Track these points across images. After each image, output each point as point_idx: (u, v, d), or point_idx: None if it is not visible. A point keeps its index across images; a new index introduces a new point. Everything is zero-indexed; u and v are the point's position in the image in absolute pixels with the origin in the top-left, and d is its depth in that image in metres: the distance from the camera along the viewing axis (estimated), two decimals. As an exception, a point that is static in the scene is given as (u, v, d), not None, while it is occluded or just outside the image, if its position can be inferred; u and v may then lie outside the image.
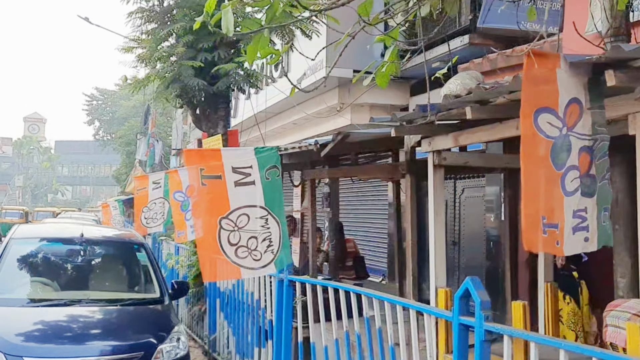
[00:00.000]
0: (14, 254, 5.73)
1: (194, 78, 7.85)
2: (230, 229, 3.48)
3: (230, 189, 3.52)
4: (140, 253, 6.33)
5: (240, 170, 3.54)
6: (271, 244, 3.45)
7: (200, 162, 3.55)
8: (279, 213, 3.49)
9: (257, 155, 3.54)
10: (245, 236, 3.45)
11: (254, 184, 3.51)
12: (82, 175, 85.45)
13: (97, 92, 61.80)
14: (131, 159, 41.11)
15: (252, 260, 3.46)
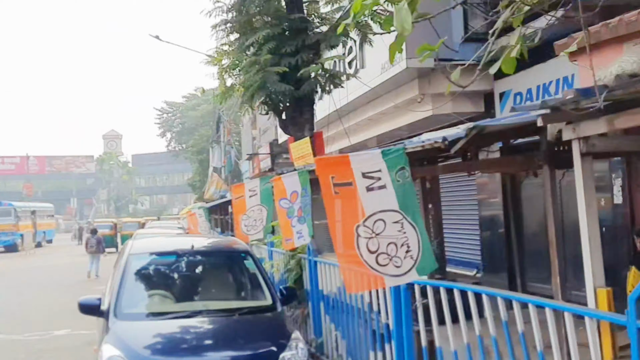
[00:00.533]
0: (134, 269, 5.95)
1: (280, 83, 7.89)
2: (368, 235, 3.37)
3: (363, 194, 3.38)
4: (248, 261, 6.42)
5: (370, 174, 3.40)
6: (409, 249, 3.32)
7: (330, 170, 3.45)
8: (413, 216, 3.35)
9: (384, 157, 3.37)
10: (384, 242, 3.33)
11: (386, 188, 3.37)
12: (158, 185, 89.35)
13: (166, 105, 64.35)
14: (203, 166, 42.47)
15: (394, 267, 3.33)
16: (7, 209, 34.02)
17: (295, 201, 5.85)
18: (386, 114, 11.50)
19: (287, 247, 6.37)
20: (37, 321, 10.67)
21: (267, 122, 22.49)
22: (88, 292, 14.29)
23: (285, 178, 5.85)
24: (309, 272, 7.54)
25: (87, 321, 10.47)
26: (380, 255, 3.41)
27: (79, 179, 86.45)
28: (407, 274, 3.36)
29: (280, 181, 5.85)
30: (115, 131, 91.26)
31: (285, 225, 5.98)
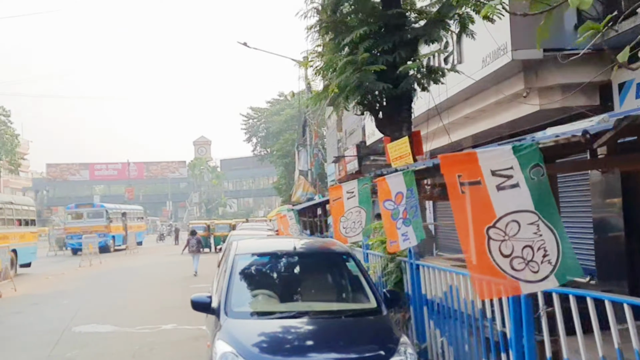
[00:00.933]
0: (240, 269, 6.03)
1: (378, 82, 7.74)
2: (501, 238, 3.11)
3: (493, 194, 3.11)
4: (350, 263, 6.31)
5: (500, 172, 3.13)
6: (547, 253, 3.03)
7: (457, 168, 3.23)
8: (551, 218, 3.05)
9: (516, 154, 3.08)
10: (519, 245, 3.05)
11: (519, 187, 3.08)
12: (244, 188, 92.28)
13: (252, 111, 66.16)
14: (289, 170, 43.22)
15: (530, 272, 3.05)
16: (100, 211, 34.53)
17: (400, 202, 5.65)
18: (485, 111, 11.00)
19: (392, 250, 6.19)
20: (146, 315, 11.22)
21: (354, 124, 22.41)
22: (188, 289, 14.89)
23: (389, 178, 5.68)
24: (410, 276, 7.32)
25: (190, 317, 10.89)
26: (514, 260, 3.13)
27: (173, 183, 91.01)
28: (545, 280, 3.07)
29: (385, 182, 5.68)
30: (204, 137, 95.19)
31: (390, 228, 5.80)
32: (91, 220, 33.00)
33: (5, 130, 48.07)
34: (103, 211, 34.34)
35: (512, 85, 9.60)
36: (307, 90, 27.26)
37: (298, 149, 30.41)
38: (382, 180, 5.71)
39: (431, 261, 7.21)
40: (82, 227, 32.45)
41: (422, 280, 7.06)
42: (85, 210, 34.77)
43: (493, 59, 9.21)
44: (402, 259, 7.64)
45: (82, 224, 33.06)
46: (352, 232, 7.49)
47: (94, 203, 39.08)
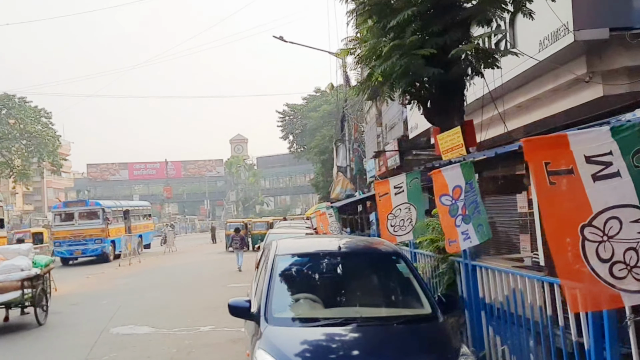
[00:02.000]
0: (281, 270, 5.57)
1: (427, 67, 7.14)
2: (598, 239, 2.55)
3: (588, 185, 2.61)
4: (400, 264, 5.77)
5: (597, 159, 2.63)
6: (653, 258, 2.45)
7: (544, 154, 2.65)
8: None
9: (615, 137, 2.58)
10: (620, 248, 2.48)
11: (619, 176, 2.58)
12: (281, 186, 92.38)
13: (288, 108, 65.91)
14: (326, 167, 42.72)
15: (634, 280, 2.48)
16: (94, 210, 26.69)
17: (459, 197, 5.07)
18: (539, 99, 10.23)
19: (452, 250, 5.60)
20: (184, 316, 10.95)
21: (394, 117, 21.75)
22: (226, 289, 14.65)
23: (446, 171, 5.10)
24: (465, 278, 6.71)
25: (228, 318, 10.52)
26: (615, 265, 2.56)
27: (210, 181, 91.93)
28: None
29: (441, 175, 5.11)
30: (241, 135, 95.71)
31: (448, 226, 5.22)
32: (84, 223, 26.25)
33: (47, 132, 49.18)
34: (99, 210, 26.66)
35: (573, 70, 8.83)
36: (345, 83, 26.69)
37: (336, 145, 29.83)
38: (437, 173, 5.14)
39: (487, 261, 6.60)
40: (73, 232, 25.94)
41: (479, 283, 6.46)
42: (77, 209, 26.94)
43: (552, 40, 8.48)
44: (456, 259, 7.04)
45: (73, 227, 26.12)
46: (402, 230, 6.94)
47: (86, 200, 30.81)
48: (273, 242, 6.36)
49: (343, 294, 5.61)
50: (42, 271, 10.73)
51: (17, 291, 9.85)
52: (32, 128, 47.96)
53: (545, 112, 10.27)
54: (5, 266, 10.00)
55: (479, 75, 7.58)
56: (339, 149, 29.12)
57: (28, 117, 48.05)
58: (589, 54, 8.49)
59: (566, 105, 9.40)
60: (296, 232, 16.04)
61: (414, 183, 6.96)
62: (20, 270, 10.04)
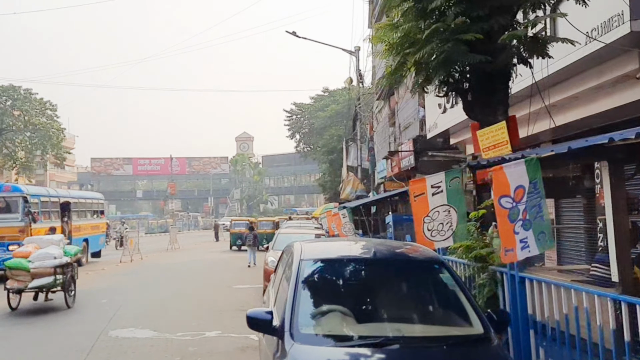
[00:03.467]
0: (307, 278, 4.83)
1: (472, 55, 6.38)
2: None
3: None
4: (443, 274, 5.02)
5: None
6: None
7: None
8: None
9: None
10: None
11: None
12: (285, 185, 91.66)
13: (295, 107, 65.22)
14: (334, 166, 41.97)
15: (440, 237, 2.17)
16: (12, 199, 17.39)
17: (521, 200, 4.33)
18: (578, 97, 9.44)
19: (507, 260, 4.82)
20: (188, 319, 10.21)
21: (410, 117, 20.98)
22: (231, 290, 13.92)
23: (508, 168, 4.35)
24: (510, 291, 5.96)
25: (235, 323, 9.89)
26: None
27: (215, 179, 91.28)
28: None
29: (502, 172, 4.35)
30: (247, 133, 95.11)
31: (506, 232, 4.47)
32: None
33: (51, 124, 48.52)
34: (17, 200, 17.34)
35: (620, 65, 8.05)
36: (358, 82, 25.94)
37: (347, 144, 29.04)
38: (499, 170, 4.38)
39: (537, 273, 5.84)
40: None
41: (528, 297, 5.70)
42: None
43: (603, 32, 7.69)
44: (498, 269, 6.28)
45: None
46: (440, 235, 6.18)
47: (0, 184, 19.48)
48: (296, 244, 5.61)
49: (379, 307, 4.85)
50: (71, 259, 11.83)
51: (50, 277, 10.99)
52: (36, 120, 47.32)
53: (585, 111, 9.47)
54: (40, 254, 11.17)
55: (526, 64, 6.82)
56: (350, 148, 28.34)
57: (33, 109, 47.42)
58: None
59: (610, 104, 8.62)
60: (307, 233, 15.34)
61: (454, 183, 6.21)
62: (53, 258, 11.17)
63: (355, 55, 26.25)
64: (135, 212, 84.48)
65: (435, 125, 16.32)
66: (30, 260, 10.96)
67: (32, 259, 10.98)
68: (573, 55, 8.09)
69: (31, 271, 10.83)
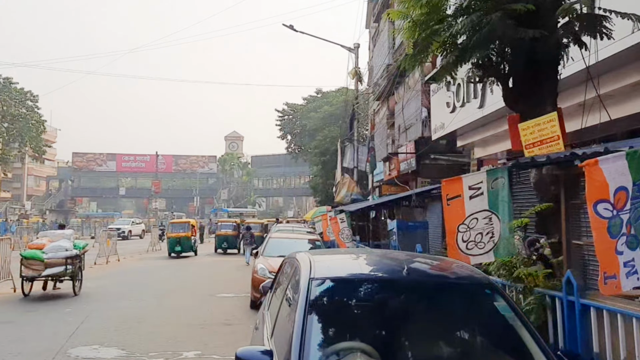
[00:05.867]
0: (319, 305, 3.60)
1: (522, 29, 5.19)
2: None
3: None
4: (498, 302, 3.80)
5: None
6: None
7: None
8: None
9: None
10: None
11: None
12: (274, 187, 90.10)
13: (287, 107, 63.97)
14: (326, 168, 40.66)
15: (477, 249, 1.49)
16: None
17: (623, 207, 3.13)
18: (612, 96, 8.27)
19: (607, 291, 3.57)
20: (163, 336, 8.82)
21: (411, 117, 19.83)
22: (214, 300, 12.54)
23: (605, 163, 3.15)
24: (565, 320, 4.77)
25: (217, 340, 8.62)
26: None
27: (202, 178, 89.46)
28: None
29: (598, 169, 3.15)
30: (237, 132, 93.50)
31: (605, 252, 3.26)
32: None
33: (31, 116, 46.58)
34: None
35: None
36: (357, 80, 24.75)
37: (343, 145, 27.77)
38: (594, 165, 3.17)
39: (605, 300, 4.64)
40: None
41: (593, 331, 4.51)
42: None
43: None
44: (549, 293, 5.09)
45: None
46: (478, 248, 4.97)
47: None
48: (301, 256, 4.36)
49: (413, 345, 3.62)
50: (80, 252, 13.42)
51: (62, 266, 12.47)
52: (15, 111, 45.33)
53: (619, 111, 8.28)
54: (54, 246, 12.69)
55: (581, 45, 5.65)
56: (345, 149, 27.10)
57: (13, 99, 45.44)
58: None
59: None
60: (301, 238, 14.06)
61: (498, 184, 5.00)
62: (65, 250, 12.68)
63: (354, 53, 25.07)
64: (117, 210, 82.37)
65: (442, 125, 15.20)
66: (44, 251, 12.41)
67: (46, 250, 12.43)
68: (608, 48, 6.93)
69: (45, 261, 12.24)
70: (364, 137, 25.70)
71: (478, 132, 13.88)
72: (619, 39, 6.28)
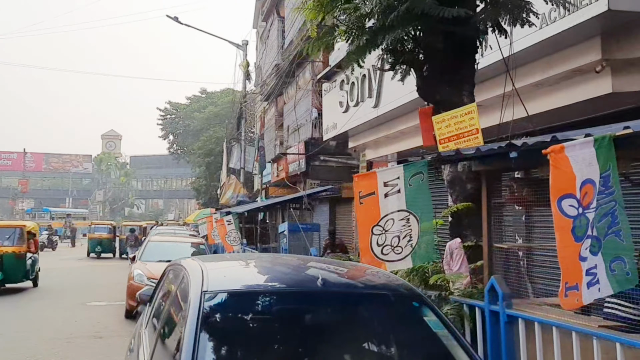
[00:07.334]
0: (213, 321, 2.79)
1: (444, 7, 4.69)
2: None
3: None
4: (428, 317, 3.20)
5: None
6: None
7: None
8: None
9: None
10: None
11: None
12: (154, 189, 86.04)
13: (170, 106, 61.25)
14: (211, 170, 39.17)
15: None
16: None
17: (589, 204, 2.63)
18: (525, 92, 8.06)
19: (569, 305, 2.99)
20: (23, 351, 7.35)
21: (301, 118, 19.32)
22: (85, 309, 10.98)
23: (572, 150, 2.62)
24: (489, 334, 4.30)
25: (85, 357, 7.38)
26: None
27: (76, 178, 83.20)
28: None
29: (564, 157, 2.61)
30: (114, 131, 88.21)
31: (568, 257, 2.72)
32: None
33: None
34: None
35: (579, 56, 6.93)
36: (244, 79, 23.82)
37: (230, 144, 26.57)
38: (559, 152, 2.63)
39: (532, 309, 4.18)
40: None
41: (521, 346, 4.06)
42: None
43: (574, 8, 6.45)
44: (466, 302, 4.61)
45: None
46: (395, 253, 4.36)
47: None
48: (190, 263, 3.46)
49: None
50: None
51: None
52: None
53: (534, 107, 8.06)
54: None
55: (501, 32, 5.30)
56: (232, 149, 25.97)
57: None
58: (605, 36, 6.61)
59: (561, 101, 7.48)
60: (183, 241, 12.87)
61: (417, 180, 4.43)
62: None
63: (242, 50, 24.14)
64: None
65: (334, 125, 14.78)
66: None
67: None
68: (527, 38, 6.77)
69: None
70: (252, 138, 24.84)
71: (371, 133, 13.63)
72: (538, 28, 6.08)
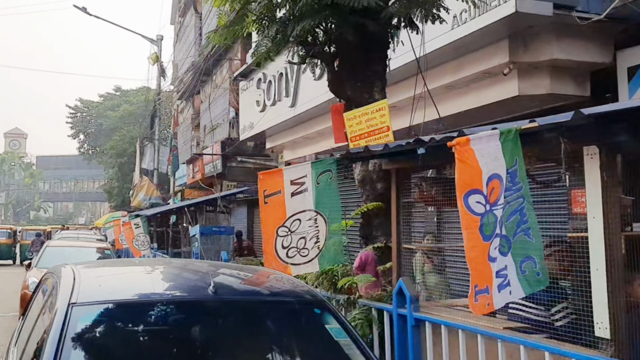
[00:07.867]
0: (79, 341, 2.41)
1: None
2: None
3: None
4: (330, 324, 2.97)
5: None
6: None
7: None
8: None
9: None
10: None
11: (308, 191, 3.59)
12: (64, 191, 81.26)
13: (80, 104, 57.98)
14: (123, 171, 37.44)
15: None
16: None
17: (497, 200, 2.48)
18: (437, 94, 8.08)
19: (479, 309, 2.76)
20: None
21: (218, 117, 18.77)
22: None
23: (477, 143, 2.46)
24: (397, 338, 4.13)
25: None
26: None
27: (-27, 179, 76.95)
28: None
29: (470, 150, 2.45)
30: (19, 129, 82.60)
31: (477, 257, 2.55)
32: None
33: None
34: None
35: (488, 57, 7.05)
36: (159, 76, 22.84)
37: (143, 144, 25.34)
38: (465, 144, 2.45)
39: (441, 312, 4.04)
40: None
41: (428, 351, 3.92)
42: None
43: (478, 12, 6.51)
44: (376, 305, 4.43)
45: None
46: (301, 255, 4.09)
47: None
48: (64, 270, 3.00)
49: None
50: None
51: None
52: None
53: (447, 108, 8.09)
54: None
55: (412, 28, 5.18)
56: (145, 149, 24.81)
57: None
58: (513, 39, 6.76)
59: (473, 103, 7.57)
60: (87, 246, 11.97)
61: (325, 178, 4.19)
62: None
63: (157, 45, 23.15)
64: None
65: (251, 125, 14.39)
66: None
67: None
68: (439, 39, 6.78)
69: None
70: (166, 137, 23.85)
71: (288, 133, 13.40)
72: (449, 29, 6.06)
